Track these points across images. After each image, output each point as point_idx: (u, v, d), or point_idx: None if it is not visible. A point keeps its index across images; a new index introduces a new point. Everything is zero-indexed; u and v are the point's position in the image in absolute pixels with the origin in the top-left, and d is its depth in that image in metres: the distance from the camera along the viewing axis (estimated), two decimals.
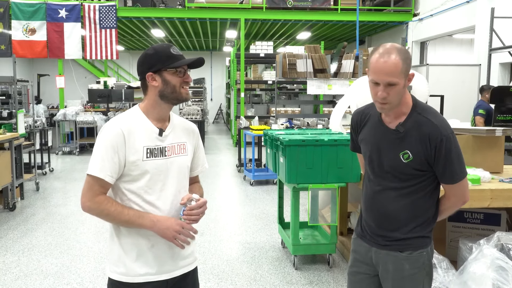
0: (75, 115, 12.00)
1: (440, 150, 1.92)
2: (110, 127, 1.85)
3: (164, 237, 1.86)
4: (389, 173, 2.03)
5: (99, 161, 1.80)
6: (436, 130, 1.92)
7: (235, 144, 13.36)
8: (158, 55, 1.86)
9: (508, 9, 8.06)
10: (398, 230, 2.05)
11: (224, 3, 12.49)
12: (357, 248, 2.22)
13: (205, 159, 2.15)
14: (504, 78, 8.73)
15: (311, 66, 8.53)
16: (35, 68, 20.74)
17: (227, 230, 5.55)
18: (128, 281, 1.88)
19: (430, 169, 1.99)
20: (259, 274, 4.21)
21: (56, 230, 5.48)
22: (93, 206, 1.81)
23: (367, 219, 2.15)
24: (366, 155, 2.13)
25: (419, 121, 1.96)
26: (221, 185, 8.23)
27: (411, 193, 2.02)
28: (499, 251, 2.75)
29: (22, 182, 6.97)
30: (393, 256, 2.06)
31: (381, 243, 2.10)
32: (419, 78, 4.70)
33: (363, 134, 2.15)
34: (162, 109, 1.91)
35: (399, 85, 1.87)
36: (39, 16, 12.23)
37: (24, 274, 4.20)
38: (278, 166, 4.30)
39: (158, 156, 1.88)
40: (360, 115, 2.19)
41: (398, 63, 1.85)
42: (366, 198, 2.16)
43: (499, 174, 3.62)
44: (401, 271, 2.06)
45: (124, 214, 1.82)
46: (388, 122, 2.03)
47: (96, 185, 1.81)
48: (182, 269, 1.98)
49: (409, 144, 1.96)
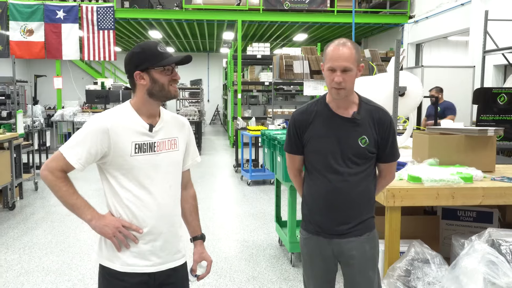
0: (72, 115, 12.06)
1: (389, 131, 2.22)
2: (97, 119, 1.88)
3: (103, 234, 1.89)
4: (349, 160, 2.19)
5: (76, 146, 1.85)
6: (385, 115, 2.23)
7: (232, 145, 13.45)
8: (145, 54, 1.87)
9: (502, 12, 8.18)
10: (358, 216, 2.23)
11: (221, 4, 12.58)
12: (314, 247, 2.30)
13: (196, 153, 2.17)
14: (498, 79, 8.85)
15: (307, 68, 8.62)
16: (32, 69, 20.75)
17: (225, 228, 5.63)
18: (116, 269, 1.91)
19: (376, 152, 2.24)
20: (257, 271, 4.29)
21: (56, 229, 5.55)
22: (50, 177, 1.85)
23: (324, 214, 2.23)
24: (322, 149, 2.21)
25: (369, 109, 2.22)
26: (219, 185, 8.31)
27: (365, 177, 2.22)
28: (490, 246, 2.84)
29: (21, 181, 7.03)
30: (355, 242, 2.23)
31: (343, 232, 2.22)
32: (413, 79, 4.78)
33: (313, 131, 2.23)
34: (152, 106, 1.93)
35: (352, 71, 2.10)
36: (37, 17, 12.28)
37: (25, 271, 4.27)
38: (276, 165, 4.39)
39: (147, 152, 1.91)
40: (304, 114, 2.27)
41: (352, 50, 2.11)
42: (324, 194, 2.22)
43: (491, 173, 3.70)
44: (364, 253, 2.25)
45: (72, 199, 1.87)
46: (342, 112, 2.21)
47: (62, 163, 1.85)
48: (171, 263, 2.01)
49: (364, 129, 2.18)
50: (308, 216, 2.32)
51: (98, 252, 1.98)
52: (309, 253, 2.34)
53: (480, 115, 6.35)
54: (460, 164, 3.61)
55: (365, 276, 2.29)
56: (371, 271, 2.30)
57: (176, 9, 12.92)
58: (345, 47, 2.11)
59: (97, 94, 12.96)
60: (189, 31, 15.79)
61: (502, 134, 6.06)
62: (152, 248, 1.94)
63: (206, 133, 18.14)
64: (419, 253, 3.23)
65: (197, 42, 19.07)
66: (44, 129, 9.50)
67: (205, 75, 22.97)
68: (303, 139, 2.27)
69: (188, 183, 2.18)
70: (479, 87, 7.24)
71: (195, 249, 2.17)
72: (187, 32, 15.97)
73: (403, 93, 4.65)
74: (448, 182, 3.20)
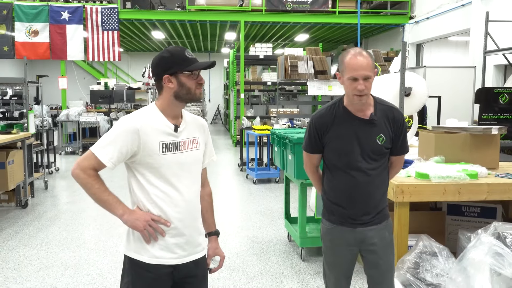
0: (77, 115, 12.19)
1: (402, 127, 2.45)
2: (128, 120, 1.99)
3: (134, 227, 1.99)
4: (368, 157, 2.39)
5: (107, 146, 1.96)
6: (398, 113, 2.45)
7: (235, 144, 13.59)
8: (173, 58, 1.98)
9: (503, 13, 8.34)
10: (378, 205, 2.46)
11: (224, 5, 12.72)
12: (338, 236, 2.50)
13: (213, 152, 2.31)
14: (499, 79, 9.01)
15: (312, 68, 8.78)
16: (34, 69, 20.86)
17: (235, 225, 5.78)
18: (144, 261, 2.04)
19: (390, 146, 2.45)
20: (268, 265, 4.45)
21: (69, 226, 5.69)
22: (82, 176, 1.96)
23: (350, 208, 2.44)
24: (343, 149, 2.41)
25: (384, 109, 2.42)
26: (225, 184, 8.46)
27: (382, 170, 2.45)
28: (496, 239, 2.99)
29: (33, 180, 7.17)
30: (376, 230, 2.46)
31: (366, 221, 2.44)
32: (418, 79, 4.94)
33: (333, 132, 2.42)
34: (176, 108, 2.06)
35: (371, 78, 2.30)
36: (42, 18, 12.42)
37: (45, 266, 4.41)
38: (287, 163, 4.54)
39: (173, 151, 2.03)
40: (323, 118, 2.46)
41: (369, 59, 2.30)
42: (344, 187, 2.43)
43: (495, 170, 3.85)
44: (384, 239, 2.49)
45: (104, 195, 1.98)
46: (361, 114, 2.39)
47: (94, 161, 1.96)
48: (193, 256, 2.13)
49: (381, 128, 2.39)
50: (331, 208, 2.51)
51: (126, 244, 2.10)
52: (332, 241, 2.54)
53: (482, 114, 6.50)
54: (465, 162, 3.76)
55: (387, 260, 2.53)
56: (391, 255, 2.55)
57: (179, 10, 13.07)
58: (363, 57, 2.29)
59: (101, 94, 13.10)
60: (192, 31, 15.93)
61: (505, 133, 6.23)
62: (178, 241, 2.06)
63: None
64: (427, 246, 3.39)
65: (199, 42, 19.21)
66: (52, 129, 9.64)
67: (206, 75, 23.10)
68: (323, 140, 2.46)
69: (205, 181, 2.31)
70: (481, 87, 7.40)
71: (210, 244, 2.31)
72: (190, 32, 16.11)
73: (409, 93, 4.80)
74: (454, 178, 3.36)
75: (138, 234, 2.03)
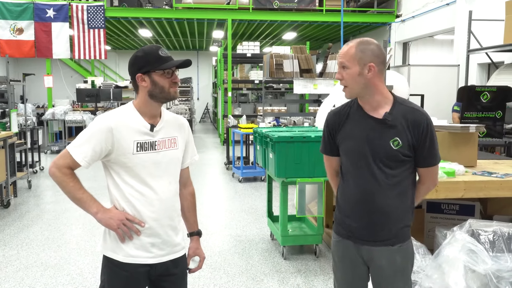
0: (63, 114, 12.09)
1: (426, 133, 2.09)
2: (102, 119, 2.01)
3: (108, 226, 2.00)
4: (381, 162, 2.11)
5: (82, 145, 1.98)
6: (421, 116, 2.10)
7: (223, 142, 13.57)
8: (146, 57, 1.99)
9: (486, 12, 8.42)
10: (389, 224, 2.13)
11: (211, 3, 12.69)
12: (344, 252, 2.25)
13: (195, 152, 2.30)
14: (482, 78, 9.09)
15: (297, 66, 8.79)
16: (21, 68, 20.66)
17: (218, 224, 5.78)
18: (119, 259, 2.04)
19: (413, 155, 2.12)
20: (250, 264, 4.45)
21: (51, 226, 5.65)
22: (57, 174, 1.97)
23: (356, 218, 2.18)
24: (354, 151, 2.17)
25: (404, 110, 2.11)
26: (211, 182, 8.45)
27: (400, 182, 2.12)
28: (471, 236, 3.03)
29: (15, 180, 7.10)
30: (386, 251, 2.14)
31: (374, 239, 2.15)
32: (399, 77, 4.98)
33: (345, 132, 2.20)
34: (153, 107, 2.05)
35: (351, 69, 2.08)
36: (26, 16, 12.28)
37: (24, 266, 4.38)
38: (268, 162, 4.54)
39: (149, 150, 2.03)
40: (337, 115, 2.25)
41: (351, 49, 2.09)
42: (354, 197, 2.18)
43: (473, 168, 3.89)
44: (394, 265, 2.14)
45: (79, 193, 1.99)
46: (374, 113, 2.14)
47: (69, 160, 1.98)
48: (171, 255, 2.13)
49: (397, 131, 2.09)
50: (339, 219, 2.27)
51: (103, 243, 2.11)
52: (339, 256, 2.29)
53: (464, 112, 6.56)
54: (443, 160, 3.79)
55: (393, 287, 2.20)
56: (401, 283, 2.20)
57: (166, 8, 13.00)
58: (347, 46, 2.13)
59: (87, 93, 12.99)
60: (179, 29, 15.87)
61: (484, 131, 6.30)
62: (153, 240, 2.06)
63: (196, 131, 18.23)
64: None
65: (187, 40, 19.15)
66: (37, 128, 9.55)
67: (195, 74, 23.04)
68: (336, 140, 2.25)
69: (187, 180, 2.30)
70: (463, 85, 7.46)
71: (191, 244, 2.30)
72: (177, 30, 16.05)
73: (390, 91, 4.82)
74: None
75: (114, 234, 2.04)
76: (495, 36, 7.59)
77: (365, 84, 2.10)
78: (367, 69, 2.08)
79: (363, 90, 2.11)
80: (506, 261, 2.89)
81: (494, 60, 7.97)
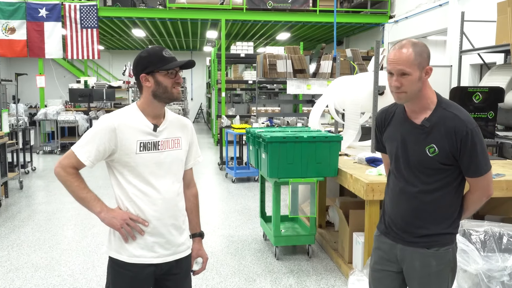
0: (56, 114, 12.02)
1: (466, 143, 1.97)
2: (106, 119, 2.03)
3: (111, 225, 2.02)
4: (416, 169, 2.07)
5: (86, 145, 2.00)
6: (461, 124, 1.97)
7: (216, 143, 13.55)
8: (150, 58, 2.01)
9: (478, 13, 8.46)
10: (425, 227, 2.09)
11: (205, 3, 12.66)
12: (381, 246, 2.24)
13: (199, 153, 2.31)
14: (475, 78, 9.14)
15: (290, 67, 8.79)
16: (13, 67, 20.51)
17: (211, 224, 5.76)
18: (124, 260, 2.05)
19: (455, 163, 2.03)
20: (242, 264, 4.44)
21: (43, 227, 5.61)
22: (62, 173, 2.00)
23: (392, 216, 2.18)
24: (392, 153, 2.17)
25: (445, 115, 2.01)
26: (204, 183, 8.42)
27: (437, 189, 2.06)
28: (462, 236, 3.03)
29: (7, 180, 7.04)
30: (420, 253, 2.10)
31: (407, 239, 2.13)
32: None
33: (388, 132, 2.20)
34: (156, 107, 2.07)
35: (411, 75, 1.97)
36: (19, 15, 12.19)
37: (15, 267, 4.34)
38: (260, 162, 4.53)
39: (152, 150, 2.05)
40: (384, 114, 2.24)
41: (410, 54, 1.97)
42: (392, 195, 2.20)
43: None
44: (428, 268, 2.09)
45: (83, 192, 2.01)
46: (414, 117, 2.08)
47: (74, 160, 2.00)
48: (176, 255, 2.14)
49: (434, 138, 2.01)
50: (381, 214, 2.30)
51: (108, 244, 2.12)
52: (375, 251, 2.29)
53: None
54: None
55: None
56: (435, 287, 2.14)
57: (160, 8, 12.96)
58: (402, 50, 1.99)
59: (80, 93, 12.92)
60: (173, 29, 15.83)
61: None
62: (157, 240, 2.07)
63: None
64: None
65: (180, 40, 19.10)
66: (28, 128, 9.49)
67: (189, 74, 23.00)
68: (382, 138, 2.26)
69: (190, 181, 2.32)
70: (456, 85, 7.49)
71: (193, 245, 2.30)
72: (171, 31, 16.01)
73: (382, 92, 4.83)
74: None
75: (119, 234, 2.05)
76: (487, 37, 7.63)
77: (420, 88, 2.03)
78: (424, 72, 2.02)
79: (416, 94, 2.04)
80: (497, 261, 2.90)
81: (486, 61, 8.00)
